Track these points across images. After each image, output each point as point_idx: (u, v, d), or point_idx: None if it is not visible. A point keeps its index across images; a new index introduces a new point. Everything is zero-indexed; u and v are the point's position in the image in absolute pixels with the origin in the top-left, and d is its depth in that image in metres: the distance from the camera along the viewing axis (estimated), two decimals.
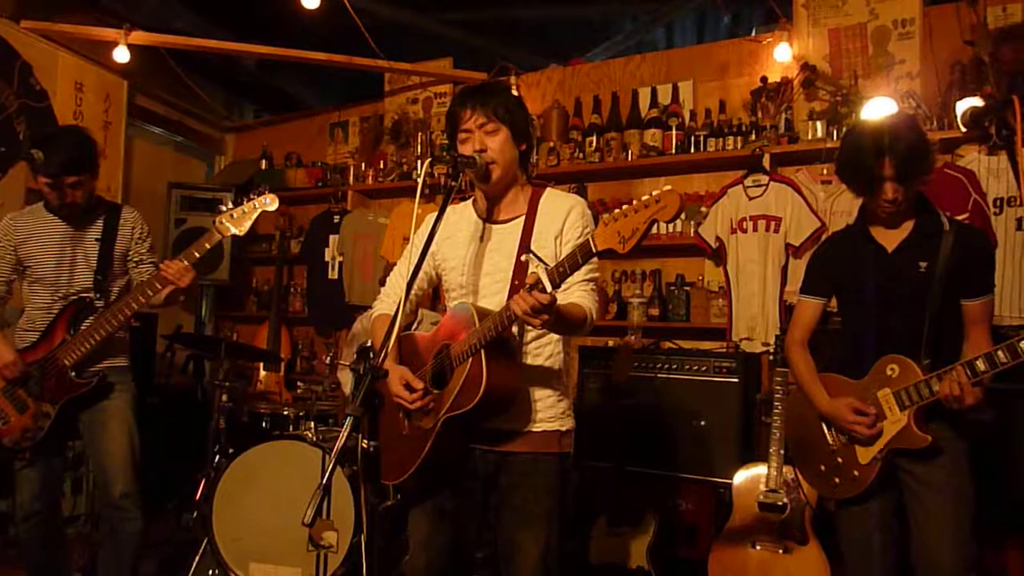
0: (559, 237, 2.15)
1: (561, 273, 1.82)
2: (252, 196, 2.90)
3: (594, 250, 1.78)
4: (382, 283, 4.24)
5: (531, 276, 1.83)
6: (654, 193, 1.71)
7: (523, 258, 2.06)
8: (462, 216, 2.32)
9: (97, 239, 3.01)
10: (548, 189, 2.26)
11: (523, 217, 2.19)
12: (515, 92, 2.34)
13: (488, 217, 2.26)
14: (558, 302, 1.88)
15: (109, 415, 2.97)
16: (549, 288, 1.79)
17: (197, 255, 2.84)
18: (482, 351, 1.97)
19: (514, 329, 2.07)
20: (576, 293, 2.11)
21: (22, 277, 3.00)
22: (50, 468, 2.99)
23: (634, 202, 1.73)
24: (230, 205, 2.89)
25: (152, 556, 3.66)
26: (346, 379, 4.13)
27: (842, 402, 2.38)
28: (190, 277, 2.83)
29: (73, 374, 2.86)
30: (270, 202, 2.90)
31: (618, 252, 1.74)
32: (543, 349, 2.19)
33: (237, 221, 2.87)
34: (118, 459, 2.95)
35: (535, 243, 2.14)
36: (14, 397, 2.86)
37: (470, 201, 2.34)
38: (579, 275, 2.07)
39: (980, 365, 2.14)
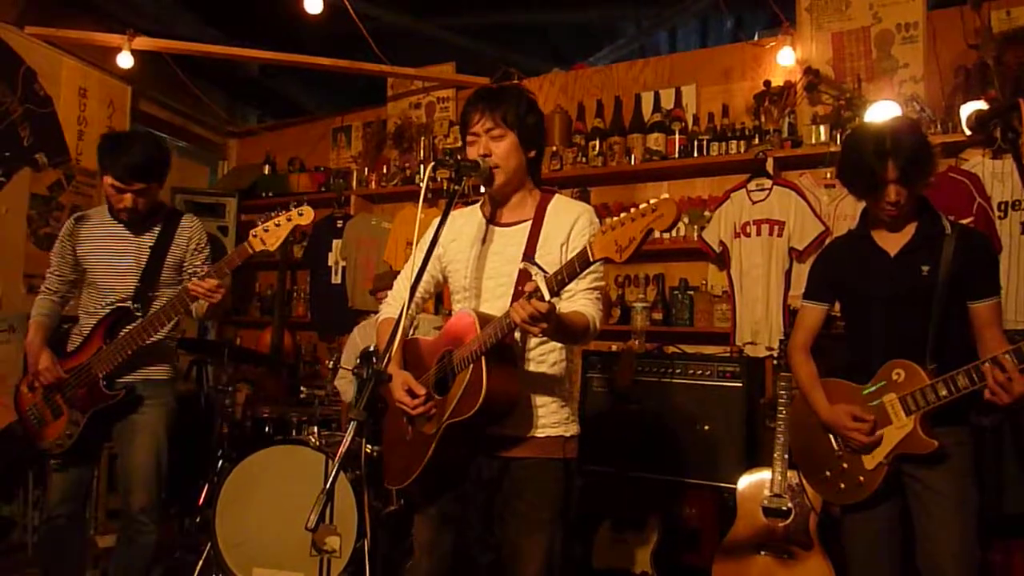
0: (565, 244, 2.15)
1: (560, 282, 1.82)
2: (287, 208, 2.75)
3: (591, 259, 1.78)
4: (372, 293, 4.25)
5: (529, 284, 1.82)
6: (651, 202, 1.70)
7: (521, 266, 2.05)
8: (468, 219, 2.32)
9: (151, 246, 2.96)
10: (556, 195, 2.25)
11: (529, 222, 2.19)
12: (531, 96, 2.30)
13: (492, 219, 2.26)
14: (561, 310, 1.87)
15: (139, 429, 2.93)
16: (547, 296, 1.79)
17: (227, 270, 2.75)
18: (482, 358, 1.97)
19: (516, 336, 2.07)
20: (580, 301, 2.10)
21: (82, 279, 2.99)
22: (80, 474, 2.98)
23: (631, 210, 1.72)
24: (268, 217, 2.74)
25: (156, 561, 3.65)
26: (345, 387, 4.13)
27: (841, 409, 2.37)
28: (222, 293, 2.73)
29: (103, 384, 2.81)
30: (304, 215, 2.74)
31: (615, 261, 1.74)
32: (547, 356, 2.19)
33: (270, 235, 2.72)
34: (140, 473, 2.92)
35: (541, 249, 2.13)
36: (52, 402, 2.86)
37: (478, 204, 2.34)
38: (584, 283, 2.06)
39: (1010, 359, 2.10)
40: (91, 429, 2.84)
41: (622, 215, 1.73)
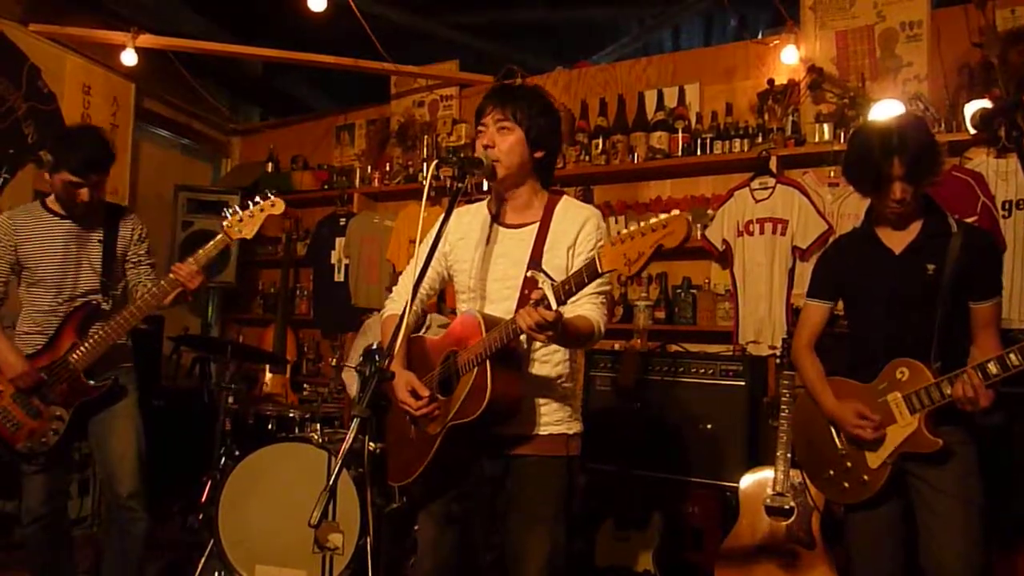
0: (572, 248, 2.15)
1: (567, 291, 1.83)
2: (258, 200, 2.87)
3: (600, 271, 1.79)
4: (389, 290, 4.26)
5: (536, 292, 1.83)
6: (663, 217, 1.72)
7: (529, 274, 2.06)
8: (475, 217, 2.32)
9: (100, 240, 2.98)
10: (564, 198, 2.25)
11: (536, 224, 2.19)
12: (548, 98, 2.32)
13: (498, 218, 2.26)
14: (567, 315, 1.88)
15: (117, 416, 2.96)
16: (554, 305, 1.80)
17: (205, 258, 2.83)
18: (488, 361, 1.97)
19: (522, 338, 2.07)
20: (585, 306, 2.10)
21: (20, 278, 2.96)
22: (58, 472, 2.99)
23: (641, 224, 1.74)
24: (237, 209, 2.86)
25: (158, 558, 3.66)
26: (351, 380, 4.13)
27: (847, 405, 2.37)
28: (200, 279, 2.81)
29: (89, 380, 2.84)
30: (276, 205, 2.87)
31: (624, 274, 1.75)
32: (551, 356, 2.19)
33: (245, 224, 2.84)
34: (126, 460, 2.94)
35: (548, 253, 2.14)
36: (26, 403, 2.84)
37: (485, 202, 2.34)
38: (590, 288, 2.06)
39: (992, 368, 2.13)
40: (70, 424, 2.85)
41: (632, 228, 1.75)
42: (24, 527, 2.98)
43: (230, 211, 2.86)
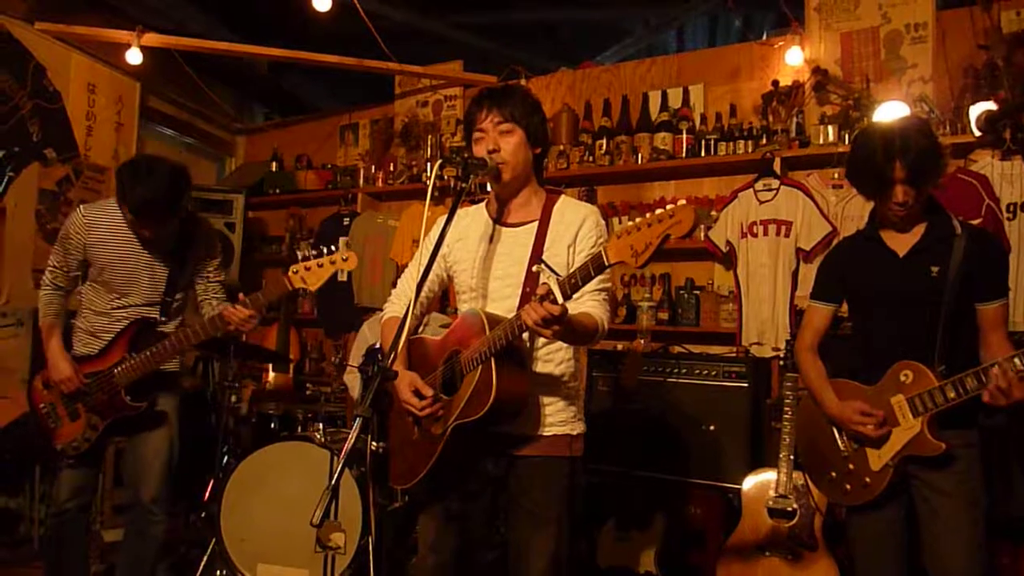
0: (572, 246, 2.15)
1: (573, 285, 1.82)
2: (333, 249, 2.66)
3: (607, 263, 1.78)
4: (395, 286, 4.26)
5: (542, 287, 1.82)
6: (668, 208, 1.70)
7: (534, 269, 2.06)
8: (475, 218, 2.32)
9: (170, 252, 2.94)
10: (563, 196, 2.25)
11: (536, 223, 2.19)
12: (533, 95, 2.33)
13: (498, 218, 2.26)
14: (570, 312, 1.88)
15: (154, 421, 2.96)
16: (560, 300, 1.79)
17: (263, 303, 2.75)
18: (492, 359, 1.97)
19: (524, 335, 2.07)
20: (588, 303, 2.10)
21: (86, 274, 2.96)
22: (90, 470, 3.00)
23: (647, 215, 1.72)
24: (309, 254, 2.68)
25: (161, 556, 3.66)
26: (353, 382, 4.13)
27: (849, 405, 2.36)
28: (254, 324, 2.79)
29: (127, 397, 2.82)
30: (349, 260, 2.65)
31: (632, 266, 1.74)
32: (554, 355, 2.19)
33: (311, 275, 2.67)
34: (155, 465, 2.95)
35: (548, 250, 2.13)
36: (69, 405, 2.86)
37: (483, 203, 2.34)
38: (591, 284, 2.06)
39: (1018, 363, 2.10)
40: (106, 433, 2.88)
41: (638, 220, 1.73)
42: (48, 517, 2.99)
43: (301, 254, 2.68)
